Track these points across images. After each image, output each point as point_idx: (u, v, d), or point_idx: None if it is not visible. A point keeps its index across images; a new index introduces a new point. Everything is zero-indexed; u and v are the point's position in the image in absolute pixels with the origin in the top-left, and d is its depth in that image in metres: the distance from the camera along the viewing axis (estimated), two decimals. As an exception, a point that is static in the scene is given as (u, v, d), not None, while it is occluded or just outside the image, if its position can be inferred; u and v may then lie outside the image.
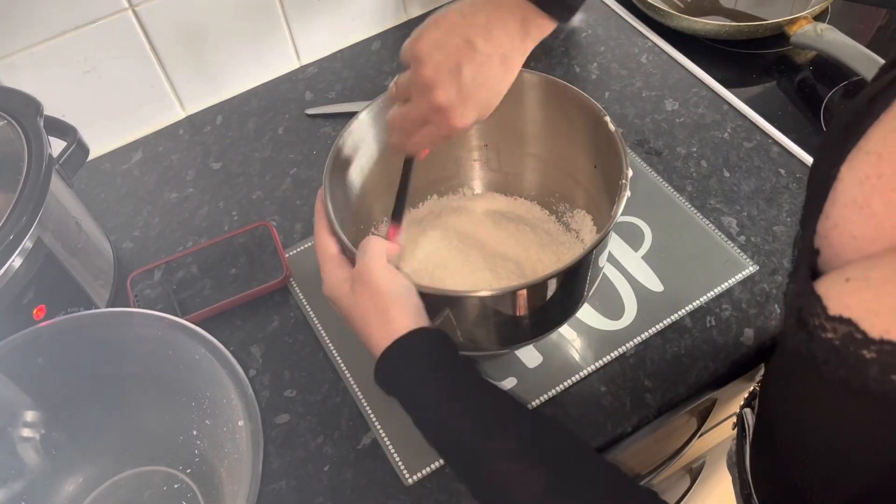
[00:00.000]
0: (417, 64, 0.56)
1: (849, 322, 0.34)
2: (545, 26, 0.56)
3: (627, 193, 0.63)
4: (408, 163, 0.67)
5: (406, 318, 0.55)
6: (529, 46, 0.56)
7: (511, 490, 0.46)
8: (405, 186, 0.68)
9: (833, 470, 0.40)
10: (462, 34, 0.55)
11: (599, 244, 0.61)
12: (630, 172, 0.64)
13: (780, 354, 0.46)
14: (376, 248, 0.58)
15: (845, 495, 0.40)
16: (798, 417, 0.43)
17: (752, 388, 0.66)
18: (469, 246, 0.79)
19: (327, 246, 0.61)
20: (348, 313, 0.58)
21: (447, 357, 0.54)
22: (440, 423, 0.52)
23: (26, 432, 0.69)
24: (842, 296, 0.35)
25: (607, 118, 0.67)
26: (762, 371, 0.77)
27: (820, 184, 0.40)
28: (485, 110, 0.58)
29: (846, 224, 0.38)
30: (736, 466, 0.63)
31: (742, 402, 0.66)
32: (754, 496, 0.59)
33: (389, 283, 0.57)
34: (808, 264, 0.39)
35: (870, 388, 0.33)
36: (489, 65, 0.55)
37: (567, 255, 0.77)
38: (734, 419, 0.66)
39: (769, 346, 0.74)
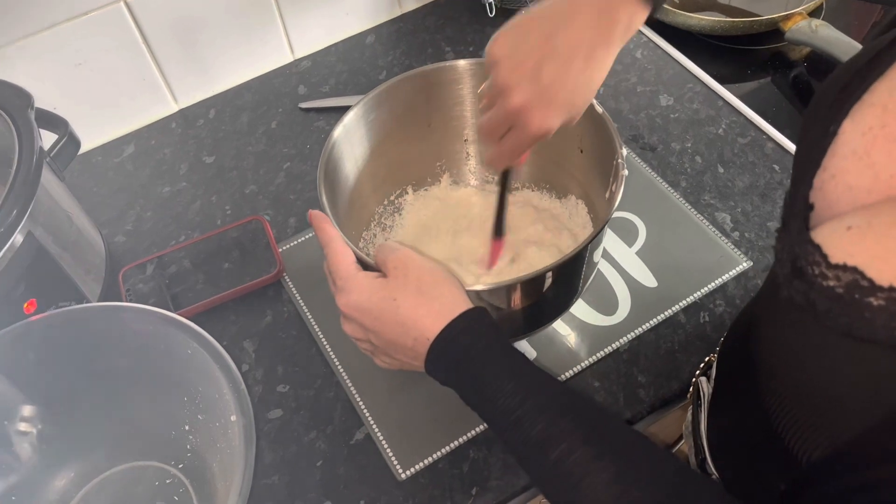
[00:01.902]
0: (495, 66, 0.53)
1: (854, 270, 0.33)
2: (636, 14, 0.52)
3: (624, 172, 0.63)
4: (504, 174, 0.66)
5: (460, 295, 0.55)
6: (620, 37, 0.53)
7: (584, 475, 0.46)
8: (503, 199, 0.67)
9: (824, 418, 0.40)
10: (541, 31, 0.52)
11: (598, 235, 0.61)
12: (624, 152, 0.64)
13: (769, 306, 0.46)
14: (400, 244, 0.58)
15: (832, 444, 0.40)
16: (790, 365, 0.43)
17: (707, 358, 0.66)
18: (462, 238, 0.78)
19: (345, 254, 0.58)
20: (388, 304, 0.54)
21: (505, 339, 0.54)
22: (508, 399, 0.50)
23: (17, 427, 0.68)
24: (844, 244, 0.35)
25: (593, 101, 0.67)
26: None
27: (817, 141, 0.40)
28: (573, 110, 0.55)
29: (843, 175, 0.38)
30: (692, 435, 0.63)
31: (697, 371, 0.66)
32: (709, 461, 0.59)
33: (431, 263, 0.56)
34: (801, 218, 0.39)
35: (878, 336, 0.33)
36: (572, 62, 0.52)
37: (564, 245, 0.77)
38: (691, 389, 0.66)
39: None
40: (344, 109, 0.70)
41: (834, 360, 0.38)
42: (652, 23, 1.05)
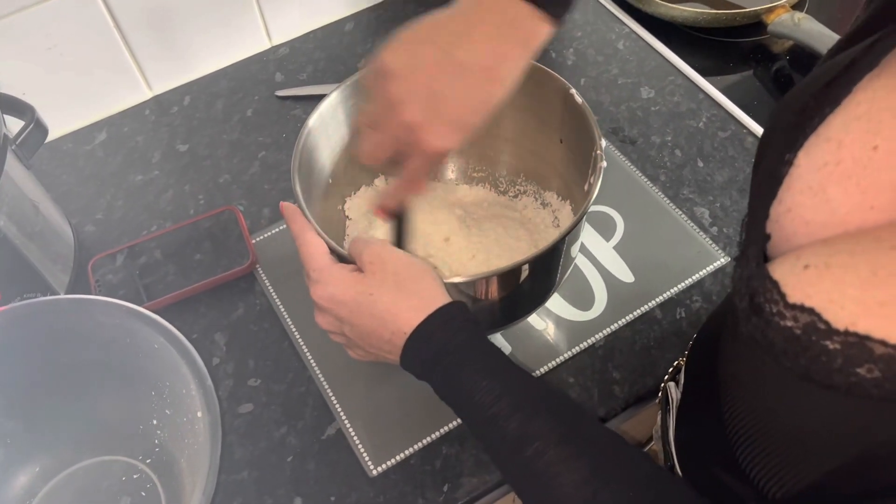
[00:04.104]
0: (383, 79, 0.49)
1: (811, 311, 0.33)
2: (539, 29, 0.49)
3: (603, 164, 0.62)
4: (399, 220, 0.61)
5: (439, 290, 0.54)
6: (523, 55, 0.50)
7: (556, 475, 0.45)
8: (403, 238, 0.62)
9: (789, 458, 0.40)
10: (438, 43, 0.49)
11: (575, 227, 0.60)
12: (603, 143, 0.63)
13: (731, 339, 0.45)
14: (374, 238, 0.56)
15: (800, 484, 0.39)
16: (752, 402, 0.43)
17: (675, 362, 0.66)
18: (440, 230, 0.77)
19: (318, 245, 0.57)
20: (365, 299, 0.53)
21: (483, 334, 0.53)
22: (483, 396, 0.49)
23: (-20, 421, 0.67)
24: (801, 284, 0.34)
25: (573, 91, 0.66)
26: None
27: (773, 169, 0.39)
28: (469, 128, 0.51)
29: (800, 209, 0.37)
30: (661, 440, 0.63)
31: (666, 377, 0.65)
32: (677, 467, 0.58)
33: (409, 257, 0.55)
34: (758, 248, 0.38)
35: (833, 380, 0.33)
36: (470, 78, 0.49)
37: (542, 240, 0.76)
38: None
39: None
40: (321, 98, 0.69)
41: (793, 402, 0.37)
42: (637, 15, 1.04)
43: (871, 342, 0.31)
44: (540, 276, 0.65)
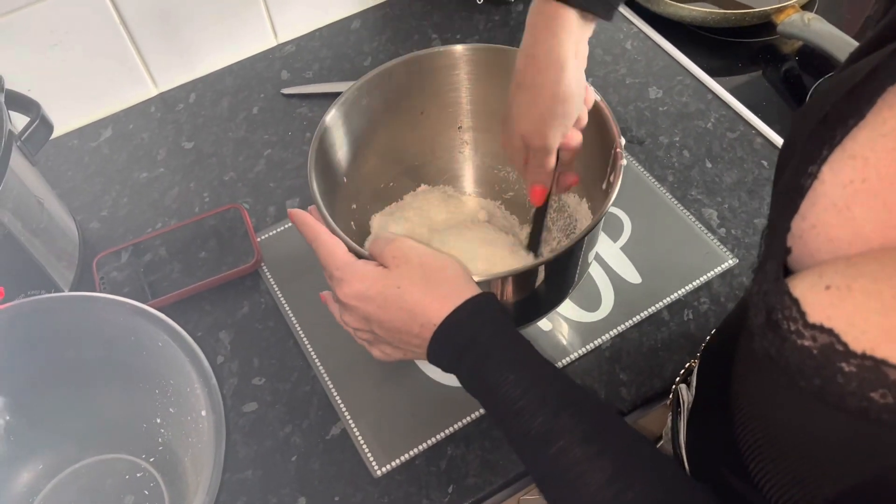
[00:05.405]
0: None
1: (830, 332, 0.33)
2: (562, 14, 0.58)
3: (623, 162, 0.61)
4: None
5: (467, 280, 0.53)
6: (568, 39, 0.59)
7: (581, 473, 0.45)
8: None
9: (801, 475, 0.39)
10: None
11: (595, 227, 0.59)
12: (623, 140, 0.62)
13: (744, 355, 0.45)
14: (396, 235, 0.56)
15: (813, 502, 0.39)
16: (765, 418, 0.42)
17: (686, 364, 0.65)
18: (458, 228, 0.77)
19: (335, 244, 0.56)
20: (393, 292, 0.52)
21: (512, 326, 0.52)
22: (509, 389, 0.48)
23: (-17, 418, 0.67)
24: (822, 305, 0.33)
25: (590, 88, 0.65)
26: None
27: (795, 181, 0.38)
28: (561, 119, 0.61)
29: (824, 227, 0.37)
30: (671, 442, 0.62)
31: (677, 378, 0.65)
32: (686, 470, 0.58)
33: (432, 250, 0.55)
34: (778, 262, 0.38)
35: (846, 403, 0.32)
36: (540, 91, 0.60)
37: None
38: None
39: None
40: (327, 96, 0.69)
41: (807, 421, 0.37)
42: (645, 15, 1.04)
43: (887, 367, 0.30)
44: (556, 277, 0.64)
